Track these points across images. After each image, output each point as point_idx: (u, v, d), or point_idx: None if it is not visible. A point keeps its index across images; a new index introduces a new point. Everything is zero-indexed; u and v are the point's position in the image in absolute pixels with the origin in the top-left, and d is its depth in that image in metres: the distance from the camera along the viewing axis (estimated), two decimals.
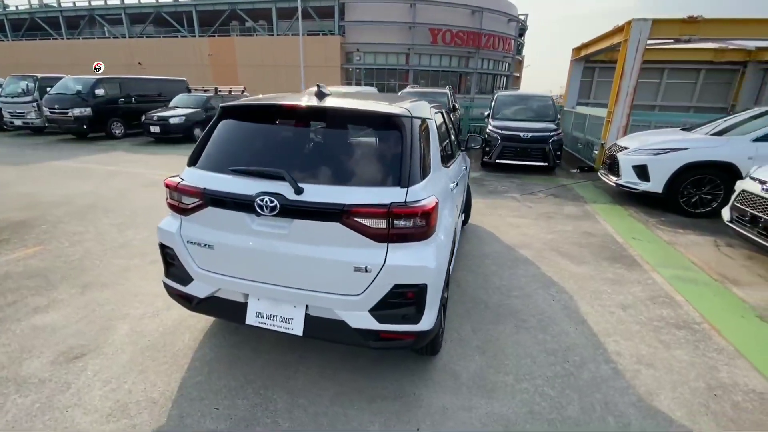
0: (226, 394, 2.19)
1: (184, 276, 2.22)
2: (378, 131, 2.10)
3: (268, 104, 2.26)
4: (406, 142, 1.99)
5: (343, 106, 2.15)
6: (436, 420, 2.07)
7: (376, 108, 2.10)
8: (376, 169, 1.98)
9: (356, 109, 2.11)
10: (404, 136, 2.00)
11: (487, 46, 28.03)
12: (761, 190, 4.06)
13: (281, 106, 2.25)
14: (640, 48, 7.56)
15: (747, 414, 2.17)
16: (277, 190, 1.91)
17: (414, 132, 2.05)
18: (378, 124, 2.11)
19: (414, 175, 1.94)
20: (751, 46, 10.48)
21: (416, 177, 1.95)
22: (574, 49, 11.72)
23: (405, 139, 1.99)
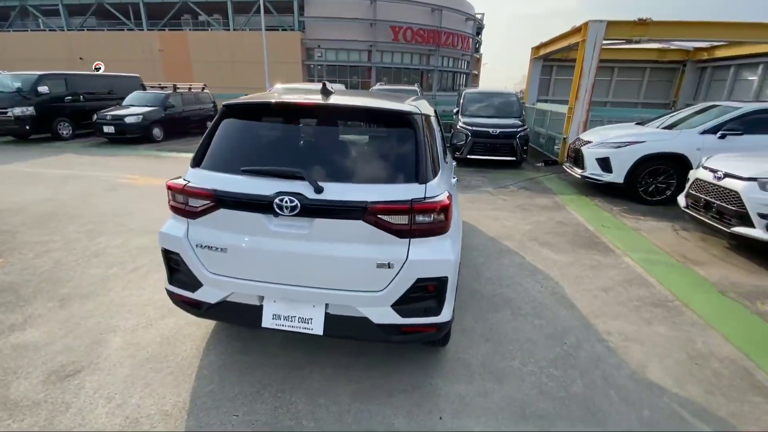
0: (242, 401, 2.13)
1: (192, 282, 2.14)
2: (391, 128, 2.12)
3: (277, 102, 2.22)
4: (419, 138, 2.03)
5: (356, 104, 2.16)
6: (455, 407, 2.14)
7: (388, 106, 2.13)
8: (392, 166, 2.00)
9: (369, 107, 2.12)
10: (417, 132, 2.04)
11: (446, 44, 28.62)
12: (713, 178, 4.49)
13: (291, 105, 2.20)
14: (596, 48, 8.06)
15: (725, 379, 2.42)
16: (296, 189, 1.89)
17: (425, 129, 2.10)
18: (390, 122, 2.13)
19: (429, 171, 1.99)
20: (689, 47, 11.49)
21: (431, 173, 2.00)
22: (533, 48, 12.27)
23: (418, 135, 2.04)
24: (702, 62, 11.78)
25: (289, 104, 2.20)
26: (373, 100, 2.26)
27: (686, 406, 2.20)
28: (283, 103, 2.20)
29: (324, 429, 1.98)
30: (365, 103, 2.15)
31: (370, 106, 2.12)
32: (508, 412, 2.12)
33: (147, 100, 11.40)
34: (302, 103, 2.15)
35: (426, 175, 1.97)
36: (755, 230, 3.93)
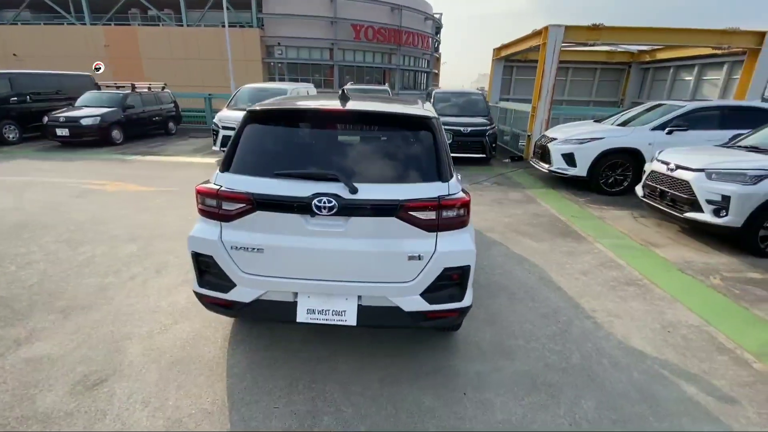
0: (279, 394, 2.24)
1: (225, 283, 2.21)
2: (412, 132, 2.29)
3: (303, 109, 2.31)
4: (438, 140, 2.22)
5: (379, 109, 2.31)
6: (476, 384, 2.37)
7: (408, 110, 2.30)
8: (416, 166, 2.18)
9: (391, 113, 2.28)
10: (436, 135, 2.23)
11: (407, 43, 29.04)
12: (666, 170, 5.06)
13: (317, 111, 2.31)
14: (556, 50, 8.65)
15: (693, 342, 2.83)
16: (332, 190, 2.02)
17: (441, 131, 2.29)
18: (411, 126, 2.30)
19: (448, 170, 2.19)
20: (634, 49, 12.55)
21: (450, 172, 2.20)
22: (495, 49, 12.86)
23: (437, 138, 2.23)
24: (645, 64, 12.91)
25: (315, 110, 2.31)
26: (389, 105, 2.41)
27: (666, 367, 2.57)
28: (309, 109, 2.31)
29: (362, 412, 2.13)
30: (387, 108, 2.31)
31: (392, 111, 2.28)
32: (521, 384, 2.38)
33: (103, 100, 10.75)
34: (328, 110, 2.27)
35: (447, 174, 2.17)
36: (704, 215, 4.50)
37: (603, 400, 2.26)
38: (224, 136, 8.77)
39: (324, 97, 2.73)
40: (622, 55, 12.97)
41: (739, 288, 3.66)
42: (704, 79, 10.72)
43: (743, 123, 6.31)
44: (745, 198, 4.21)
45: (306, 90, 11.26)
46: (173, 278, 3.52)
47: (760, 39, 8.18)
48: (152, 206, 5.52)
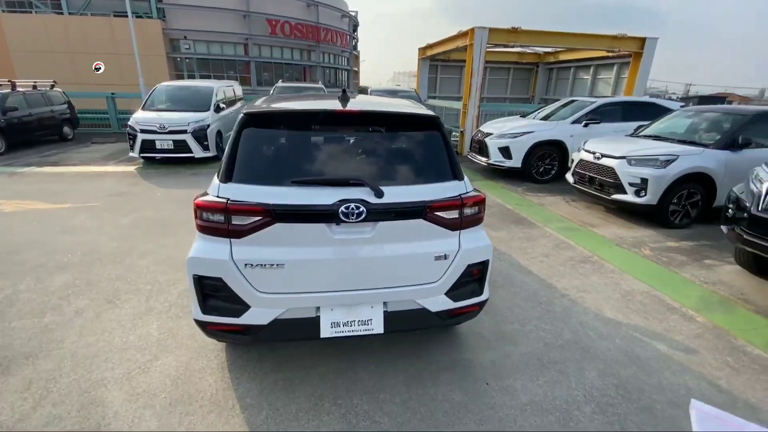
0: (307, 417, 2.09)
1: (237, 306, 1.98)
2: (421, 132, 2.27)
3: (312, 110, 2.17)
4: (447, 140, 2.25)
5: (389, 110, 2.25)
6: (492, 372, 2.47)
7: (414, 111, 2.28)
8: (433, 166, 2.18)
9: (403, 113, 2.24)
10: (443, 134, 2.26)
11: (326, 40, 28.62)
12: (593, 159, 5.75)
13: (329, 112, 2.16)
14: (482, 50, 9.26)
15: (647, 305, 3.28)
16: (358, 196, 1.93)
17: (446, 130, 2.32)
18: (419, 125, 2.28)
19: (461, 169, 2.24)
20: (541, 51, 13.97)
21: (461, 170, 2.25)
22: (420, 49, 13.33)
23: (445, 137, 2.25)
24: (550, 64, 14.48)
25: (326, 112, 2.17)
26: (393, 105, 2.37)
27: (637, 330, 2.94)
28: (319, 110, 2.17)
29: (398, 420, 2.09)
30: (396, 109, 2.26)
31: (403, 111, 2.24)
32: (532, 365, 2.54)
33: None
34: (341, 111, 2.14)
35: (461, 173, 2.21)
36: (628, 196, 5.23)
37: (602, 368, 2.52)
38: (144, 140, 7.81)
39: (310, 96, 2.58)
40: (530, 56, 14.39)
41: (665, 256, 4.33)
42: (599, 78, 12.41)
43: (640, 116, 7.44)
44: (659, 179, 4.98)
45: (232, 88, 10.52)
46: (133, 307, 3.06)
47: (641, 44, 9.71)
48: (73, 226, 4.70)
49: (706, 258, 4.30)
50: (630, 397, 2.29)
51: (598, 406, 2.22)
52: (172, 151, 7.97)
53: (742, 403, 2.26)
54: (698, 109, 6.18)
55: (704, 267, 4.08)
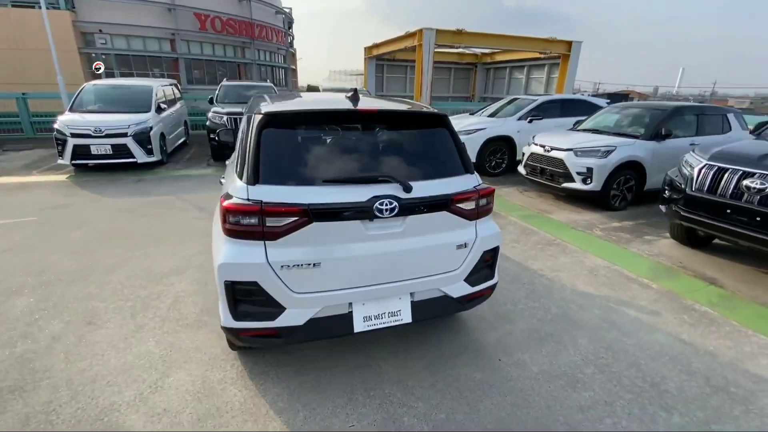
0: (345, 412, 2.13)
1: (272, 309, 1.96)
2: (432, 129, 2.39)
3: (334, 110, 2.21)
4: (455, 135, 2.40)
5: (402, 108, 2.34)
6: (499, 349, 2.68)
7: (424, 109, 2.39)
8: (447, 161, 2.31)
9: (413, 111, 2.34)
10: (451, 130, 2.41)
11: (261, 37, 27.55)
12: (543, 151, 6.32)
13: (349, 112, 2.21)
14: (431, 50, 9.64)
15: (610, 278, 3.75)
16: (390, 191, 2.01)
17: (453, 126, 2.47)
18: (429, 123, 2.39)
19: (471, 163, 2.40)
20: (479, 52, 14.81)
21: (471, 164, 2.41)
22: (366, 48, 13.47)
23: (453, 133, 2.40)
24: (487, 64, 15.41)
25: (347, 111, 2.21)
26: (405, 104, 2.47)
27: (609, 300, 3.36)
28: (341, 110, 2.20)
29: (432, 402, 2.21)
30: (408, 108, 2.36)
31: (414, 110, 2.34)
32: (532, 340, 2.80)
33: None
34: (363, 110, 2.21)
35: (471, 167, 2.37)
36: (576, 184, 5.83)
37: (590, 336, 2.86)
38: (77, 146, 7.03)
39: (322, 96, 2.58)
40: (469, 57, 15.20)
41: (613, 235, 4.93)
42: (532, 77, 13.50)
43: (575, 111, 8.28)
44: (602, 168, 5.63)
45: (172, 87, 9.81)
46: (119, 327, 2.82)
47: (569, 46, 10.76)
48: (13, 245, 4.15)
49: (646, 234, 4.97)
50: (618, 357, 2.63)
51: (596, 367, 2.53)
52: (110, 156, 7.26)
53: (702, 350, 2.71)
54: (625, 105, 7.05)
55: (646, 242, 4.72)
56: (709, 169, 3.72)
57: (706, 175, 3.73)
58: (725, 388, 2.37)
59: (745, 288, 3.60)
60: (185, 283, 3.48)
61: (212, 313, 3.00)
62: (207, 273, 3.64)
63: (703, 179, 3.74)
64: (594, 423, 2.10)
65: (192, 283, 3.48)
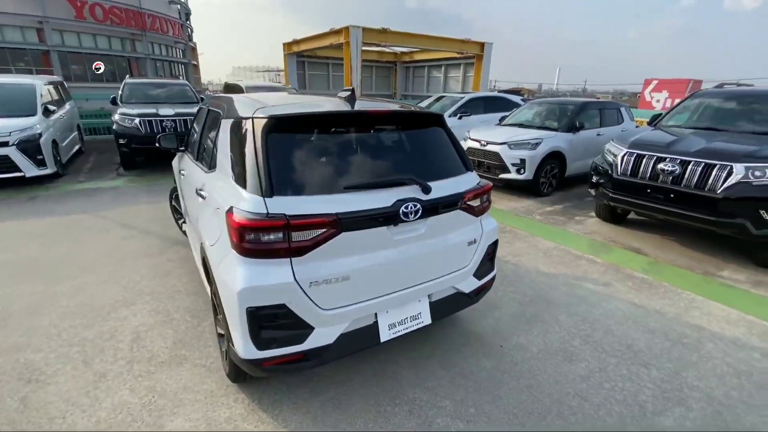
0: (378, 426, 2.05)
1: (300, 331, 1.80)
2: (430, 128, 2.38)
3: (341, 112, 2.08)
4: (452, 135, 2.45)
5: (405, 110, 2.29)
6: (499, 335, 2.83)
7: (422, 110, 2.38)
8: (450, 160, 2.33)
9: (416, 112, 2.31)
10: (448, 130, 2.45)
11: (154, 29, 24.66)
12: (480, 146, 6.76)
13: (358, 113, 2.12)
14: (359, 48, 9.62)
15: (562, 257, 4.18)
16: (411, 194, 1.97)
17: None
18: (428, 123, 2.39)
19: (470, 161, 2.47)
20: (398, 51, 15.17)
21: (470, 162, 2.48)
22: (285, 44, 12.93)
23: (450, 133, 2.45)
24: (406, 63, 15.88)
25: (355, 113, 2.11)
26: (400, 105, 2.43)
27: (569, 277, 3.74)
28: (348, 113, 2.09)
29: (457, 398, 2.25)
30: (404, 108, 2.33)
31: (416, 111, 2.31)
32: (521, 322, 3.00)
33: None
34: (372, 111, 2.13)
35: (471, 165, 2.44)
36: (512, 174, 6.36)
37: (566, 312, 3.16)
38: None
39: (317, 98, 2.39)
40: (389, 55, 15.50)
41: (551, 218, 5.50)
42: (449, 76, 14.29)
43: (496, 108, 9.00)
44: (533, 158, 6.22)
45: (57, 85, 8.31)
46: (72, 378, 2.33)
47: (482, 47, 11.61)
48: None
49: (575, 216, 5.64)
50: (594, 327, 2.96)
51: (581, 339, 2.81)
52: None
53: (652, 311, 3.18)
54: (541, 102, 7.86)
55: (578, 222, 5.35)
56: (630, 156, 4.36)
57: (628, 162, 4.35)
58: (680, 340, 2.82)
59: (663, 254, 4.31)
60: (142, 315, 3.00)
61: (189, 345, 2.65)
62: (167, 301, 3.19)
63: (626, 165, 4.37)
64: (597, 389, 2.34)
65: (151, 314, 3.01)
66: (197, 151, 2.89)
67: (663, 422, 2.12)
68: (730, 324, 3.02)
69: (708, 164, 3.76)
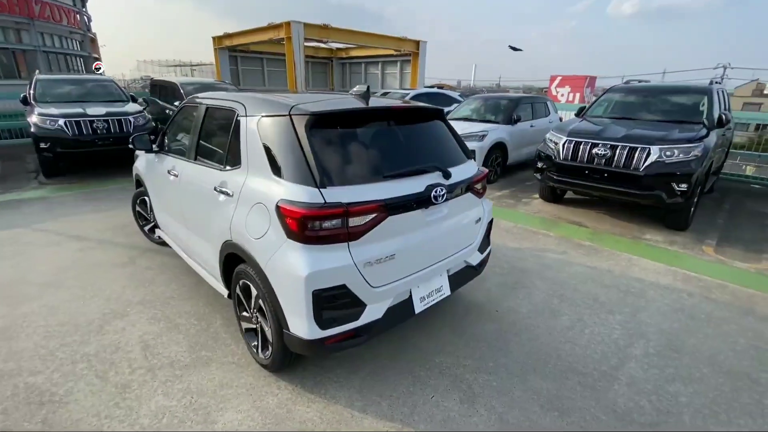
0: (419, 388, 2.29)
1: (355, 309, 1.97)
2: (434, 122, 2.63)
3: (372, 108, 2.25)
4: (451, 127, 2.75)
5: (420, 105, 2.53)
6: (492, 303, 3.22)
7: (432, 106, 2.64)
8: (455, 149, 2.62)
9: (428, 107, 2.56)
10: (448, 123, 2.74)
11: (44, 17, 21.44)
12: None
13: (387, 109, 2.36)
14: (301, 44, 9.53)
15: (523, 234, 4.76)
16: (438, 180, 2.23)
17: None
18: (432, 117, 2.64)
19: (469, 150, 2.79)
20: (333, 47, 15.15)
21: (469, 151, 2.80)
22: (216, 38, 12.25)
23: (449, 125, 2.74)
24: (342, 59, 15.92)
25: (383, 109, 2.33)
26: (412, 102, 2.67)
27: (534, 249, 4.30)
28: (378, 108, 2.30)
29: (490, 363, 2.57)
30: (416, 104, 2.56)
31: (427, 106, 2.56)
32: (507, 289, 3.44)
33: None
34: (397, 107, 2.37)
35: (471, 153, 2.77)
36: None
37: (540, 277, 3.67)
38: None
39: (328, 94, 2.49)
40: (324, 51, 15.42)
41: (503, 202, 6.13)
42: (387, 73, 14.67)
43: (438, 103, 9.50)
44: (481, 149, 6.83)
45: None
46: (93, 393, 2.22)
47: (417, 45, 12.16)
48: None
49: (522, 198, 6.35)
50: (564, 286, 3.50)
51: (558, 298, 3.32)
52: None
53: (603, 270, 3.84)
54: (481, 97, 8.57)
55: (526, 204, 6.05)
56: (570, 143, 5.08)
57: (568, 148, 5.07)
58: (629, 290, 3.47)
59: (599, 225, 5.11)
60: (141, 324, 2.87)
61: (208, 347, 2.63)
62: (163, 308, 3.08)
63: (567, 151, 5.08)
64: (581, 335, 2.83)
65: (151, 322, 2.89)
66: (195, 150, 2.82)
67: (633, 352, 2.66)
68: (660, 275, 3.78)
69: (632, 148, 4.57)
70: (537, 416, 2.13)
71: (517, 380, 2.39)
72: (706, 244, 4.55)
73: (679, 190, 4.40)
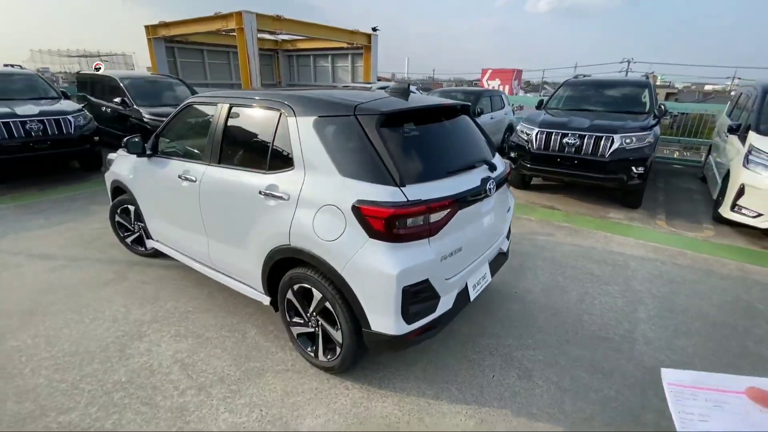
0: (479, 370, 2.44)
1: (432, 301, 2.05)
2: (466, 118, 2.74)
3: (432, 106, 2.37)
4: (477, 123, 2.89)
5: (460, 103, 2.61)
6: (510, 285, 3.46)
7: (456, 102, 2.74)
8: (487, 144, 2.75)
9: (465, 104, 2.65)
10: (474, 119, 2.88)
11: None
12: None
13: (442, 106, 2.47)
14: (254, 35, 9.07)
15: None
16: (487, 174, 2.35)
17: None
18: (463, 112, 2.75)
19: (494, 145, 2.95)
20: (279, 39, 14.50)
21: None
22: (149, 27, 11.19)
23: (476, 121, 2.88)
24: (289, 51, 15.32)
25: (439, 106, 2.43)
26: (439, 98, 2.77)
27: (523, 233, 4.64)
28: (435, 106, 2.42)
29: (514, 335, 2.78)
30: (450, 101, 2.65)
31: (464, 103, 2.66)
32: (518, 272, 3.71)
33: None
34: (447, 105, 2.47)
35: (495, 148, 2.93)
36: None
37: (539, 258, 4.00)
38: None
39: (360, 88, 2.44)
40: (269, 43, 14.71)
41: None
42: (337, 66, 14.43)
43: None
44: None
45: None
46: (145, 421, 2.05)
47: (369, 39, 12.13)
48: None
49: None
50: (563, 264, 3.87)
51: (560, 275, 3.66)
52: None
53: (588, 247, 4.29)
54: (442, 91, 8.87)
55: None
56: (542, 134, 5.51)
57: (541, 139, 5.50)
58: (615, 263, 3.93)
59: (570, 208, 5.64)
60: (167, 343, 2.66)
61: (253, 358, 2.53)
62: (183, 323, 2.87)
63: (540, 141, 5.52)
64: (591, 306, 3.18)
65: (177, 339, 2.69)
66: (218, 152, 2.63)
67: (639, 316, 3.05)
68: (634, 248, 4.31)
69: (598, 137, 5.10)
70: (587, 380, 2.38)
71: (558, 351, 2.64)
72: (658, 218, 5.25)
73: (637, 173, 5.02)
